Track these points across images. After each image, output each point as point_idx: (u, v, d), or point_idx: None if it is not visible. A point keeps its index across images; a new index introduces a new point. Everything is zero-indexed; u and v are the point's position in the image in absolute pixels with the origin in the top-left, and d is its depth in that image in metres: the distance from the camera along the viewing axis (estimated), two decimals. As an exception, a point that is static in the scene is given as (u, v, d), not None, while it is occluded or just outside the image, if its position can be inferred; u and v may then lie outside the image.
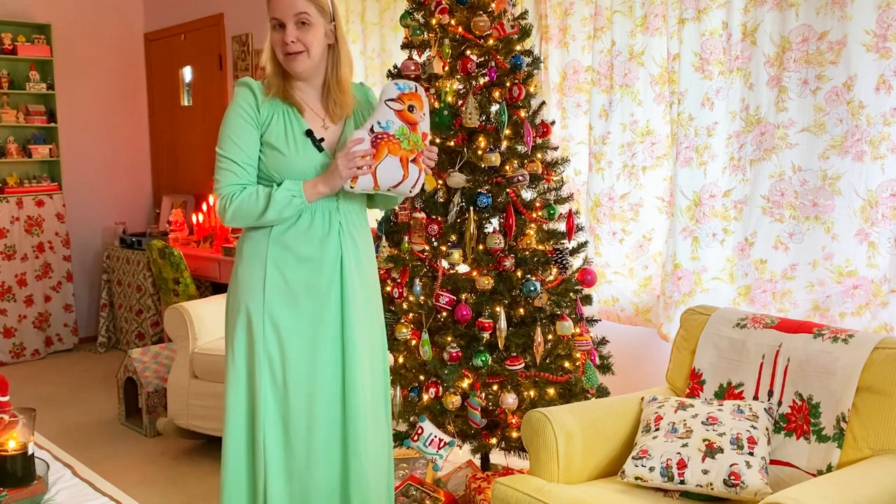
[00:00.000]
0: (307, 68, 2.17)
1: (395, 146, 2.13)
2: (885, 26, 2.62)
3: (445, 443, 2.80)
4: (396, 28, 4.32)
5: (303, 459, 2.19)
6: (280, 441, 2.18)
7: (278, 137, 2.15)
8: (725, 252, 3.09)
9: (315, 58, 2.17)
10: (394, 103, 2.14)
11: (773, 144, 2.92)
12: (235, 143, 2.15)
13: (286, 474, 2.19)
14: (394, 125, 2.13)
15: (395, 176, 2.15)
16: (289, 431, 2.18)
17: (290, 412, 2.17)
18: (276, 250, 2.17)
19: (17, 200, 5.72)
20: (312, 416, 2.18)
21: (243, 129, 2.15)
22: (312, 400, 2.18)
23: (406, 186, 2.18)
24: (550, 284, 2.88)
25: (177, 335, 3.94)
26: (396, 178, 2.15)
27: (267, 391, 2.17)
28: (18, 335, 5.73)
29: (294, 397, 2.17)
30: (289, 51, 2.13)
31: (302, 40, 2.12)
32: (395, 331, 2.91)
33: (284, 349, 2.17)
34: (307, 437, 2.18)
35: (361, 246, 2.27)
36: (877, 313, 2.71)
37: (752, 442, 2.23)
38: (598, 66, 3.45)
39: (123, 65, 6.44)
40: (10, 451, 1.90)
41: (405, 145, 2.14)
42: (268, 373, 2.17)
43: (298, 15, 2.11)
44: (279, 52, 2.15)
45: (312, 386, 2.18)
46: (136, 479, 3.61)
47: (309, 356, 2.18)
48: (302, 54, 2.14)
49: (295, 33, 2.11)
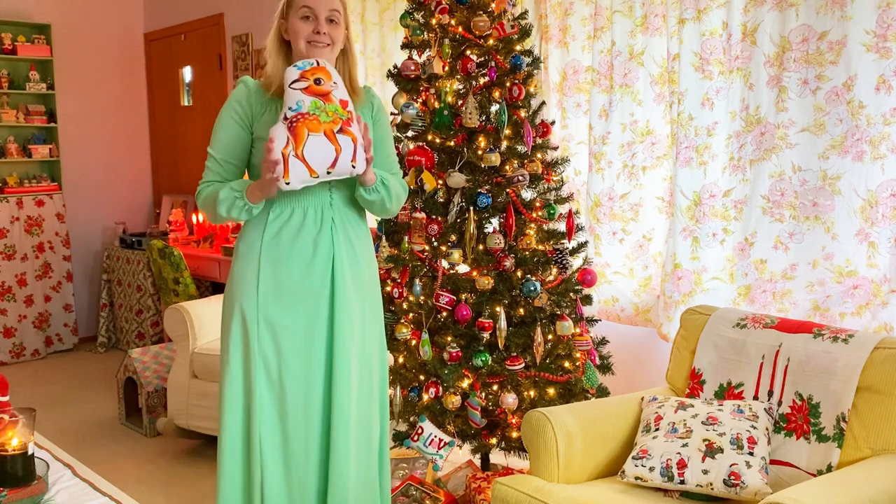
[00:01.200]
0: (328, 60, 2.20)
1: (313, 122, 1.99)
2: (885, 26, 2.62)
3: (445, 443, 2.80)
4: (396, 28, 4.32)
5: (301, 455, 2.19)
6: (277, 439, 2.18)
7: (267, 130, 2.16)
8: (725, 252, 3.09)
9: (334, 55, 2.23)
10: (298, 83, 2.03)
11: (773, 144, 2.92)
12: (218, 140, 2.21)
13: (284, 472, 2.19)
14: (305, 103, 2.01)
15: (326, 153, 2.01)
16: (287, 429, 2.18)
17: (287, 410, 2.17)
18: (270, 248, 2.18)
19: (17, 200, 5.72)
20: (309, 412, 2.18)
21: (229, 127, 2.21)
22: (309, 397, 2.18)
23: (345, 162, 2.03)
24: (550, 284, 2.88)
25: (177, 335, 3.94)
26: (330, 156, 2.01)
27: (263, 390, 2.17)
28: (18, 335, 5.73)
29: (291, 395, 2.17)
30: (318, 40, 2.17)
31: (330, 34, 2.19)
32: (395, 331, 2.91)
33: (280, 347, 2.17)
34: (305, 434, 2.18)
35: (356, 243, 2.26)
36: (877, 313, 2.71)
37: (752, 442, 2.23)
38: (598, 66, 3.45)
39: (123, 65, 6.44)
40: (10, 451, 1.90)
41: (323, 118, 2.00)
42: (263, 371, 2.17)
43: (331, 12, 2.18)
44: (301, 40, 2.17)
45: (309, 383, 2.18)
46: (136, 479, 3.61)
47: (304, 354, 2.18)
48: (328, 47, 2.19)
49: (326, 27, 2.17)
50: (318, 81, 2.04)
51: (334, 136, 2.01)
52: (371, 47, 4.57)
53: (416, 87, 3.01)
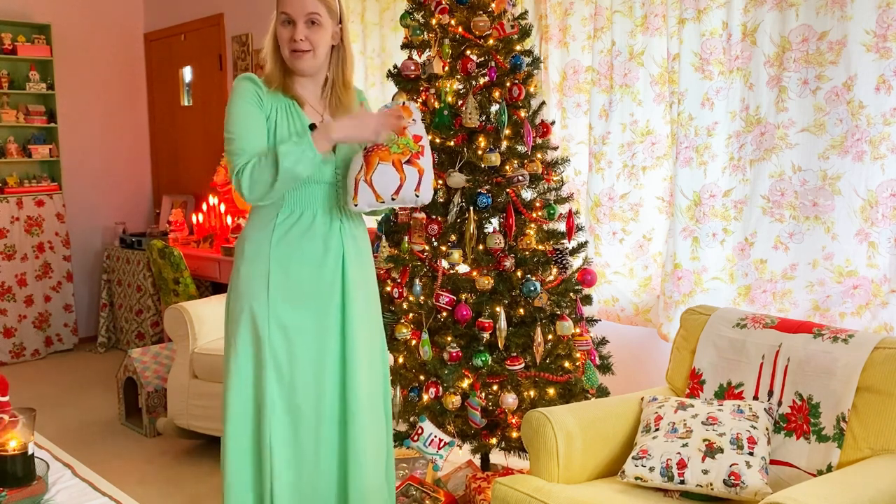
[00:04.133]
0: (311, 66, 2.19)
1: (384, 153, 2.17)
2: (885, 26, 2.62)
3: (445, 443, 2.80)
4: (396, 28, 4.32)
5: (311, 454, 2.20)
6: (288, 439, 2.18)
7: (281, 132, 2.16)
8: (725, 252, 3.09)
9: (320, 58, 2.19)
10: None
11: (773, 144, 2.92)
12: (240, 126, 2.11)
13: (295, 472, 2.20)
14: (381, 136, 2.17)
15: (391, 181, 2.18)
16: (298, 428, 2.18)
17: (299, 409, 2.18)
18: (279, 250, 2.18)
19: (17, 200, 5.72)
20: (321, 411, 2.19)
21: (251, 112, 2.13)
22: (321, 396, 2.19)
23: (409, 190, 2.20)
24: (550, 284, 2.88)
25: (177, 335, 3.94)
26: (394, 183, 2.18)
27: (273, 390, 2.16)
28: (18, 335, 5.73)
29: (303, 395, 2.18)
30: (297, 48, 2.14)
31: (310, 39, 2.14)
32: (395, 331, 2.91)
33: (291, 348, 2.17)
34: (316, 434, 2.19)
35: (361, 245, 2.30)
36: (877, 313, 2.71)
37: (752, 442, 2.23)
38: (598, 66, 3.45)
39: (123, 65, 6.44)
40: (10, 451, 1.90)
41: (394, 149, 2.18)
42: (274, 372, 2.17)
43: (310, 14, 2.13)
44: (285, 49, 2.16)
45: (320, 383, 2.19)
46: (136, 479, 3.61)
47: (315, 354, 2.19)
48: (308, 53, 2.15)
49: (304, 32, 2.13)
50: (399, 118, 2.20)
51: (401, 166, 2.19)
52: (371, 47, 4.56)
53: (416, 87, 3.01)
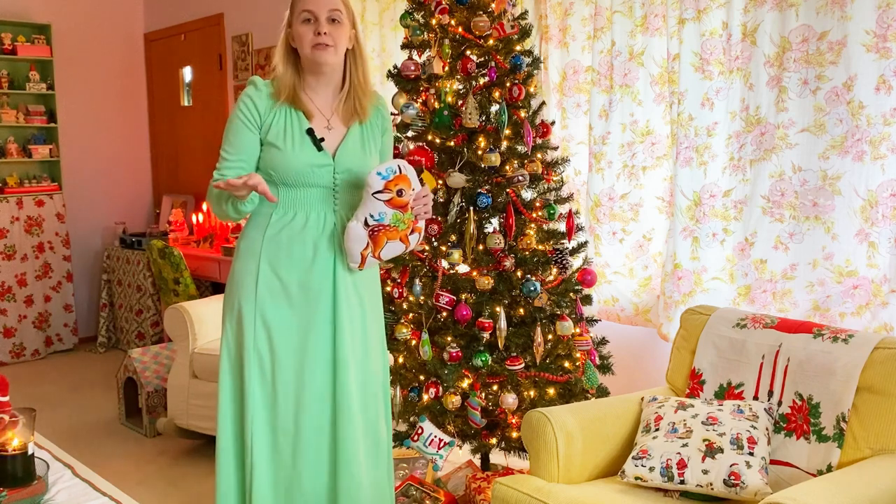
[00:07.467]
0: (334, 62, 2.20)
1: (392, 232, 2.20)
2: (885, 26, 2.62)
3: (445, 443, 2.80)
4: (396, 28, 4.32)
5: (289, 459, 2.19)
6: (267, 440, 2.19)
7: (278, 135, 2.17)
8: (725, 252, 3.09)
9: (340, 55, 2.21)
10: (381, 195, 2.15)
11: (773, 144, 2.92)
12: (229, 141, 2.20)
13: (273, 474, 2.20)
14: (387, 216, 2.17)
15: (397, 249, 2.25)
16: (276, 430, 2.19)
17: (277, 411, 2.18)
18: (270, 248, 2.19)
19: (17, 200, 5.72)
20: (300, 415, 2.18)
21: (238, 129, 2.19)
22: (301, 399, 2.18)
23: (409, 250, 2.32)
24: (550, 284, 2.88)
25: (177, 335, 3.94)
26: (399, 250, 2.26)
27: (255, 389, 2.18)
28: (18, 335, 5.73)
29: (282, 396, 2.18)
30: (320, 42, 2.15)
31: (332, 35, 2.16)
32: (395, 331, 2.91)
33: (274, 347, 2.18)
34: (294, 438, 2.19)
35: None
36: (877, 313, 2.71)
37: (752, 442, 2.23)
38: (598, 66, 3.45)
39: (123, 65, 6.44)
40: (10, 451, 1.90)
41: (401, 227, 2.21)
42: (257, 371, 2.18)
43: (332, 11, 2.16)
44: (306, 46, 2.17)
45: (301, 386, 2.18)
46: (136, 479, 3.61)
47: (298, 355, 2.18)
48: (331, 48, 2.17)
49: (327, 27, 2.15)
50: (401, 193, 2.17)
51: (407, 237, 2.25)
52: (371, 47, 4.56)
53: (416, 88, 3.01)
